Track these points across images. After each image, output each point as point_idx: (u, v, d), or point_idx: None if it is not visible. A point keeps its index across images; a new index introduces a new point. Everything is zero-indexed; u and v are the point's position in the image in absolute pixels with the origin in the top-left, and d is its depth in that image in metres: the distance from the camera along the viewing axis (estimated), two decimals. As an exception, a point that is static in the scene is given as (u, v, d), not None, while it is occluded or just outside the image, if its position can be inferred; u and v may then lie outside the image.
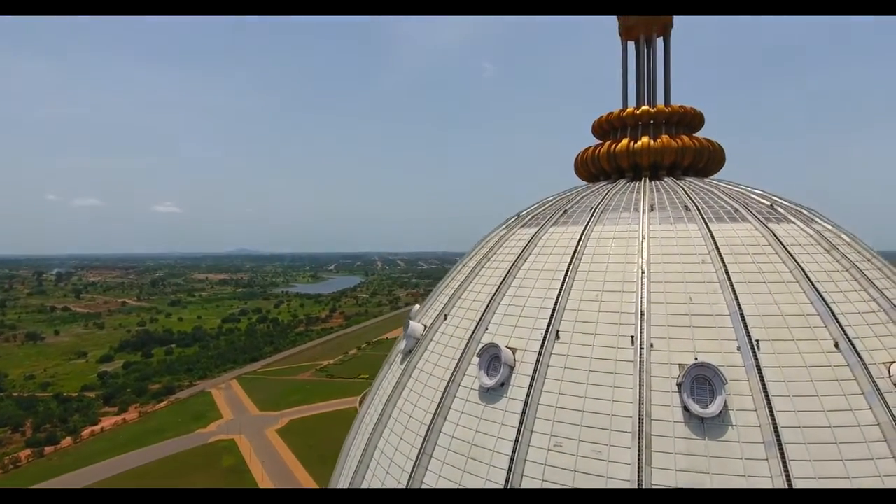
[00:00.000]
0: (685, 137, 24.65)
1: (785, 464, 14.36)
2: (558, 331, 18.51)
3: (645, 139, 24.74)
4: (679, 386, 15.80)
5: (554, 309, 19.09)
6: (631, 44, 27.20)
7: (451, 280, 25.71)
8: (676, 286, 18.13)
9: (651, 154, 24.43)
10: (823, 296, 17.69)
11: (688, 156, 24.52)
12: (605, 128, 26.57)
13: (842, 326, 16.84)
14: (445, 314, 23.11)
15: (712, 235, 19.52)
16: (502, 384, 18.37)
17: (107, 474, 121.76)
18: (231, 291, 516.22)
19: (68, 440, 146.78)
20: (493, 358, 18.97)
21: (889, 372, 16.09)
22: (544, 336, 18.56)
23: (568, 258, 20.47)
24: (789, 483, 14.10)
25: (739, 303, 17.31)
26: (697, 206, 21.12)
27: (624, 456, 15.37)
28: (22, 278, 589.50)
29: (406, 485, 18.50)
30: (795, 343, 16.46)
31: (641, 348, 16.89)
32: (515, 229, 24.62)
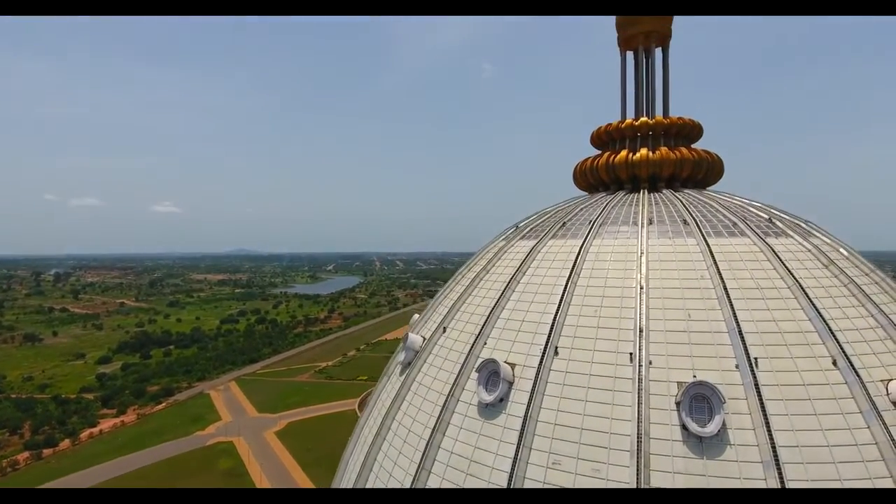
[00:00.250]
0: (684, 149, 24.67)
1: (783, 484, 14.40)
2: (557, 346, 18.53)
3: (644, 151, 24.76)
4: (678, 404, 15.82)
5: (553, 324, 19.11)
6: (630, 54, 27.24)
7: (450, 291, 25.75)
8: (675, 302, 18.17)
9: (650, 166, 24.45)
10: (821, 312, 17.74)
11: (686, 168, 24.53)
12: (604, 139, 26.58)
13: (840, 343, 16.88)
14: (444, 326, 23.13)
15: (711, 250, 19.55)
16: (501, 400, 18.39)
17: (105, 477, 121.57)
18: (230, 292, 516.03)
19: (67, 442, 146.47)
20: (492, 373, 18.97)
21: (887, 390, 16.13)
22: (543, 351, 18.59)
23: (567, 272, 20.49)
24: (787, 504, 14.12)
25: (738, 319, 17.35)
26: (696, 220, 21.15)
27: (622, 475, 15.39)
28: (20, 278, 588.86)
29: (405, 500, 18.49)
30: (793, 361, 16.50)
31: (640, 365, 16.91)
32: (514, 241, 24.64)
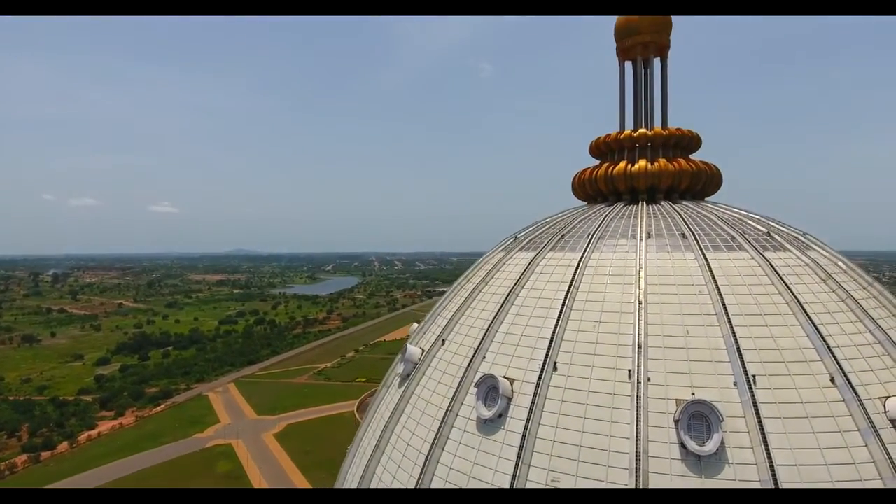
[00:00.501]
0: (682, 161, 24.70)
1: (781, 504, 14.41)
2: (556, 362, 18.56)
3: (642, 162, 24.78)
4: (676, 422, 15.86)
5: (551, 339, 19.13)
6: (628, 64, 27.28)
7: (449, 302, 25.76)
8: (673, 318, 18.20)
9: (648, 178, 24.47)
10: (819, 328, 17.78)
11: (685, 179, 24.56)
12: (603, 149, 26.60)
13: (837, 360, 16.93)
14: (443, 339, 23.15)
15: (709, 265, 19.59)
16: (500, 415, 18.41)
17: (104, 480, 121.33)
18: (228, 293, 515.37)
19: (65, 445, 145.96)
20: (491, 388, 19.00)
21: (885, 407, 16.19)
22: (542, 367, 18.61)
23: (565, 286, 20.51)
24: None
25: (736, 336, 17.39)
26: (694, 234, 21.18)
27: (621, 493, 15.39)
28: (18, 279, 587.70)
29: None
30: (791, 378, 16.54)
31: (639, 382, 16.94)
32: (513, 253, 24.65)
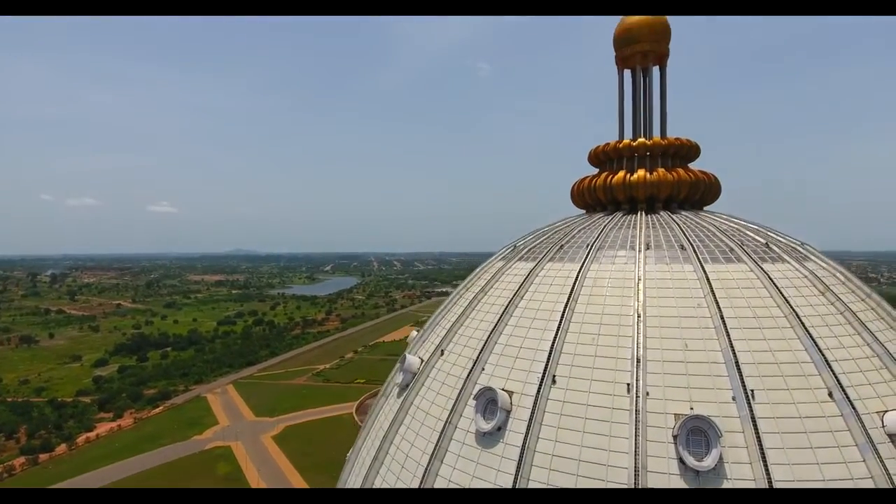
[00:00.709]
0: (681, 171, 24.72)
1: (779, 520, 14.44)
2: (555, 375, 18.58)
3: (641, 172, 24.81)
4: (675, 437, 15.89)
5: (550, 352, 19.16)
6: (627, 72, 27.31)
7: (448, 311, 25.75)
8: (672, 331, 18.23)
9: (647, 188, 24.51)
10: (817, 341, 17.83)
11: (683, 189, 24.60)
12: (602, 158, 26.64)
13: (835, 374, 16.98)
14: (442, 349, 23.16)
15: (707, 278, 19.62)
16: (499, 428, 18.43)
17: (103, 483, 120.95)
18: (227, 293, 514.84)
19: (63, 447, 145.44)
20: (490, 401, 19.01)
21: (882, 422, 16.24)
22: (541, 380, 18.63)
23: (564, 298, 20.53)
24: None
25: (734, 350, 17.43)
26: (693, 246, 21.22)
27: (620, 509, 15.41)
28: (16, 279, 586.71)
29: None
30: (790, 392, 16.59)
31: (637, 396, 16.98)
32: (512, 262, 24.68)
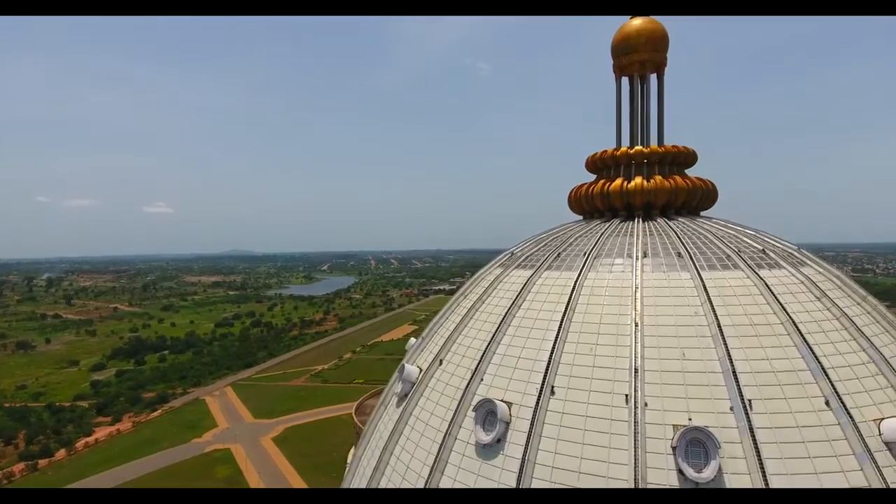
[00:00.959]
0: (678, 178, 24.78)
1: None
2: (553, 386, 18.63)
3: (638, 179, 24.85)
4: (674, 449, 15.97)
5: (549, 362, 19.21)
6: (625, 79, 27.35)
7: (446, 320, 25.78)
8: (669, 341, 18.30)
9: (644, 195, 24.56)
10: (813, 349, 17.93)
11: (680, 196, 24.65)
12: (599, 165, 26.69)
13: (832, 382, 17.09)
14: (441, 359, 23.20)
15: (704, 285, 19.69)
16: (498, 440, 18.49)
17: (102, 487, 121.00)
18: (224, 294, 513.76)
19: (62, 452, 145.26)
20: (489, 413, 19.06)
21: (879, 430, 16.35)
22: (539, 391, 18.68)
23: (562, 308, 20.58)
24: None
25: (731, 359, 17.51)
26: (690, 253, 21.28)
27: (620, 521, 15.48)
28: (12, 284, 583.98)
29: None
30: (787, 402, 16.68)
31: (636, 407, 17.04)
32: (510, 270, 24.71)
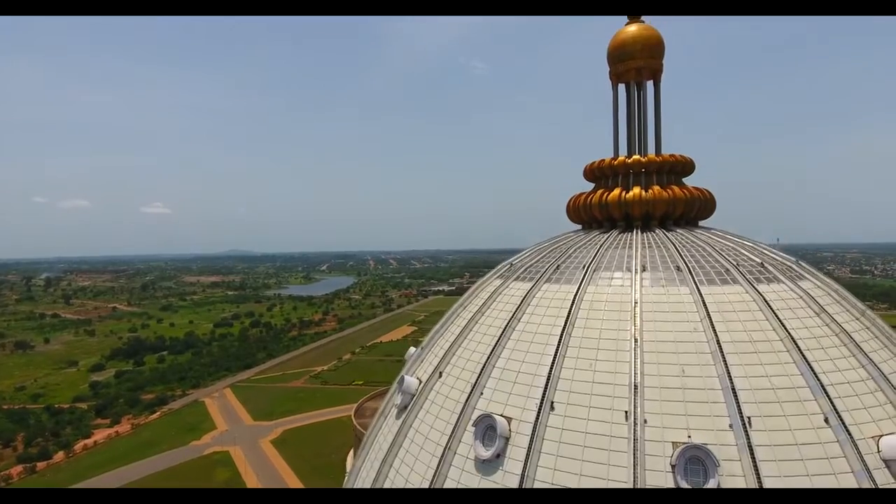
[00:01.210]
0: (676, 188, 24.81)
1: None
2: (553, 401, 18.64)
3: (636, 190, 24.89)
4: (673, 467, 16.00)
5: (548, 377, 19.21)
6: (622, 86, 27.39)
7: (446, 331, 25.78)
8: (669, 357, 18.31)
9: (642, 205, 24.60)
10: (812, 365, 17.96)
11: (679, 206, 24.69)
12: (597, 174, 26.75)
13: (831, 399, 17.11)
14: (441, 371, 23.21)
15: (703, 301, 19.71)
16: (498, 456, 18.50)
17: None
18: (223, 294, 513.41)
19: (61, 455, 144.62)
20: (489, 428, 19.07)
21: (878, 447, 16.38)
22: (539, 406, 18.69)
23: (561, 322, 20.59)
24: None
25: (731, 375, 17.53)
26: (689, 266, 21.30)
27: (619, 540, 15.50)
28: (10, 284, 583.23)
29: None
30: (786, 419, 16.70)
31: (635, 424, 17.06)
32: (510, 282, 24.73)
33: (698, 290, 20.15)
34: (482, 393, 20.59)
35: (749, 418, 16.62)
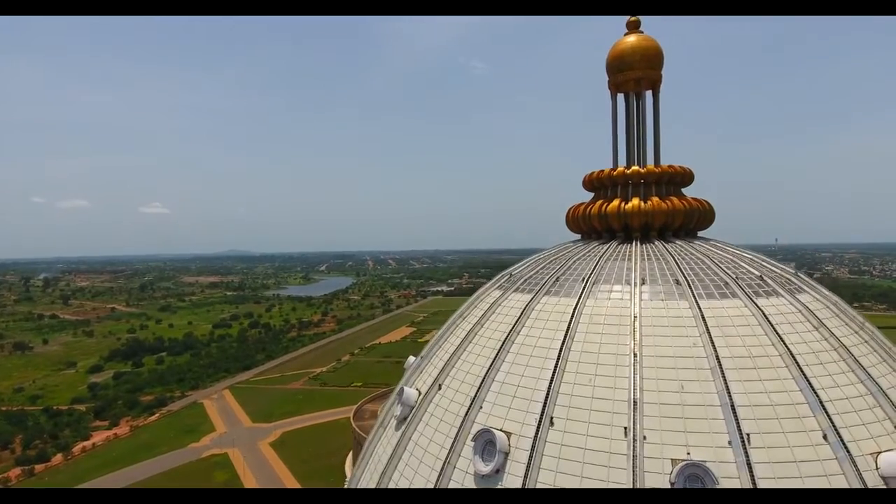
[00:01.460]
0: (675, 199, 24.83)
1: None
2: (552, 417, 18.65)
3: (635, 201, 24.89)
4: (672, 484, 16.01)
5: (548, 392, 19.22)
6: (621, 96, 27.40)
7: (445, 342, 25.77)
8: (668, 372, 18.32)
9: (641, 217, 24.60)
10: (811, 381, 17.98)
11: (678, 218, 24.70)
12: (596, 184, 26.76)
13: (829, 416, 17.14)
14: (440, 384, 23.21)
15: (703, 315, 19.71)
16: (497, 471, 18.51)
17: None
18: (221, 295, 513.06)
19: (59, 457, 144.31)
20: (488, 443, 19.08)
21: (876, 464, 16.42)
22: (538, 421, 18.70)
23: (561, 336, 20.59)
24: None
25: (730, 392, 17.54)
26: (688, 280, 21.30)
27: (619, 558, 15.51)
28: (9, 284, 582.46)
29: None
30: (785, 436, 16.73)
31: (635, 441, 17.07)
32: (509, 294, 24.72)
33: (697, 305, 20.17)
34: (482, 407, 20.59)
35: (748, 435, 16.64)
